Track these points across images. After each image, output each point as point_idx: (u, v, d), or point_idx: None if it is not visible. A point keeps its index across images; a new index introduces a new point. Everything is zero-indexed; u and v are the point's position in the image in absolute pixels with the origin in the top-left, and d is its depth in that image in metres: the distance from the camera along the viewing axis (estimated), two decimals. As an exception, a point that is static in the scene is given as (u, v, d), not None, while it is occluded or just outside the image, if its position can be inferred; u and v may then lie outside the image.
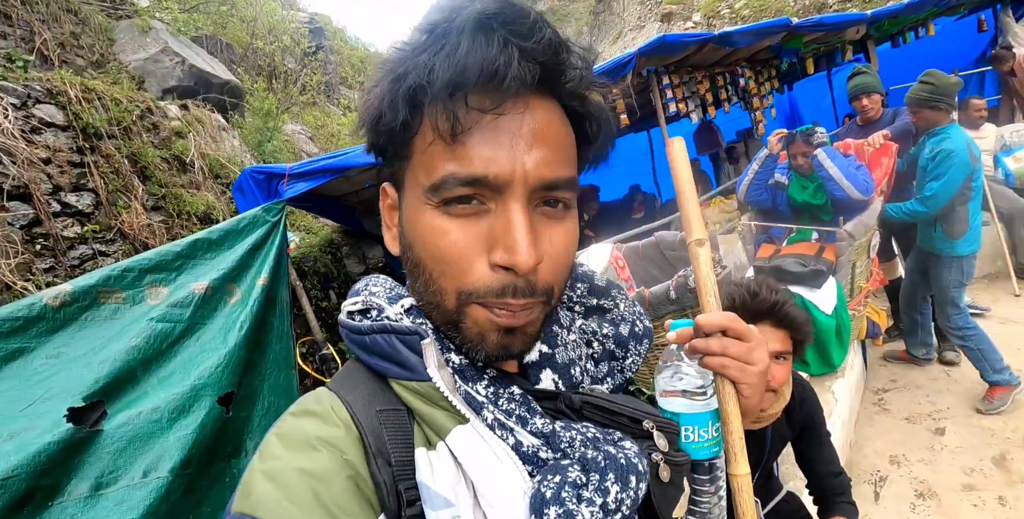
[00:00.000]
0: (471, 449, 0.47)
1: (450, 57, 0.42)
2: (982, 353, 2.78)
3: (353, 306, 0.56)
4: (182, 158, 3.64)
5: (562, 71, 0.46)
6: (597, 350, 0.64)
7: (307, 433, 0.46)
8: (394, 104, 0.46)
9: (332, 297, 4.39)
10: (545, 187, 0.47)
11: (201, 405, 1.90)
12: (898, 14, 4.58)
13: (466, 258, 0.47)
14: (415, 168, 0.49)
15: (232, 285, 2.55)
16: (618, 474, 0.48)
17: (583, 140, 0.52)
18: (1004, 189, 4.06)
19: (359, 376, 0.53)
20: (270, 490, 0.42)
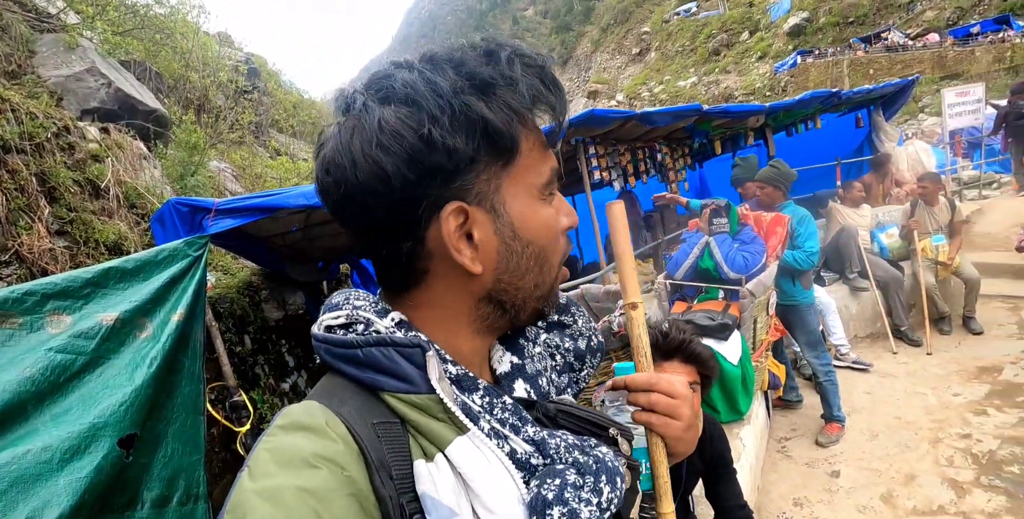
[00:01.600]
0: (472, 458, 0.48)
1: (556, 86, 0.55)
2: (835, 391, 3.28)
3: (335, 320, 0.55)
4: (96, 183, 3.40)
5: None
6: (559, 363, 0.68)
7: (302, 449, 0.44)
8: (521, 111, 0.53)
9: (247, 342, 4.11)
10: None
11: (99, 446, 1.70)
12: (791, 108, 5.36)
13: (562, 232, 0.60)
14: (520, 173, 0.55)
15: (144, 319, 2.36)
16: (608, 476, 0.52)
17: None
18: (880, 260, 4.71)
19: (344, 391, 0.52)
20: (268, 511, 0.39)
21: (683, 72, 45.46)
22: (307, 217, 3.68)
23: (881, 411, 3.48)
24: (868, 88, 6.26)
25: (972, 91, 7.91)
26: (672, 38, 51.66)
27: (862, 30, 33.34)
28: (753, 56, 40.14)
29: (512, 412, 0.53)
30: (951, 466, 2.82)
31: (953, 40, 25.70)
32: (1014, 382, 3.54)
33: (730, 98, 31.16)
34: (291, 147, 9.87)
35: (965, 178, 8.89)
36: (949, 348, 4.24)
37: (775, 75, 33.99)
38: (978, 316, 4.46)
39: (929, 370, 3.93)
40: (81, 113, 4.12)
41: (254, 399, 3.45)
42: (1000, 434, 3.02)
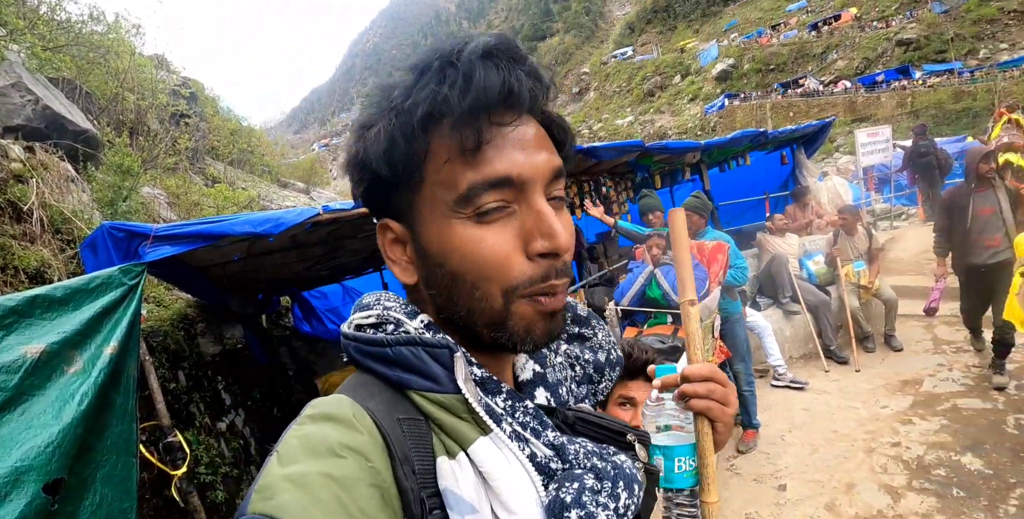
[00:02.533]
0: (494, 459, 0.49)
1: (465, 85, 0.48)
2: (754, 401, 3.59)
3: (365, 320, 0.57)
4: (18, 205, 3.16)
5: (543, 92, 0.54)
6: (579, 374, 0.70)
7: (329, 439, 0.46)
8: (408, 133, 0.50)
9: (181, 378, 3.83)
10: (555, 176, 0.54)
11: (23, 493, 1.54)
12: (724, 146, 5.75)
13: (507, 256, 0.51)
14: (431, 190, 0.52)
15: (73, 352, 2.17)
16: (625, 482, 0.53)
17: (556, 144, 0.59)
18: (809, 285, 5.06)
19: (372, 387, 0.53)
20: (295, 494, 0.41)
21: (620, 111, 47.88)
22: (250, 246, 3.54)
23: (819, 426, 3.67)
24: (791, 128, 6.83)
25: (881, 132, 8.79)
26: (610, 79, 54.52)
27: (782, 76, 36.58)
28: (685, 98, 42.95)
29: (533, 417, 0.55)
30: (885, 473, 3.01)
31: (860, 86, 28.65)
32: (934, 393, 3.85)
33: (664, 136, 33.14)
34: (229, 175, 9.53)
35: (878, 210, 9.78)
36: (875, 364, 4.55)
37: (705, 116, 36.48)
38: (898, 334, 4.84)
39: (858, 385, 4.20)
40: (3, 130, 3.84)
41: (189, 440, 3.20)
42: (926, 440, 3.26)
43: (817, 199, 6.78)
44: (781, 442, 3.54)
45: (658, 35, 57.68)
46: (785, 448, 3.45)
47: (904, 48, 31.17)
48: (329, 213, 2.81)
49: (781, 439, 3.57)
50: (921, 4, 34.10)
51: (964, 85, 24.96)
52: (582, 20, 72.32)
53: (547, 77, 0.54)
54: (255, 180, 10.33)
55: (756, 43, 41.66)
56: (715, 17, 54.67)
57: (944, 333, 4.87)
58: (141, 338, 2.69)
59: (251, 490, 0.43)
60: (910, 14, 33.86)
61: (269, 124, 25.73)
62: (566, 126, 0.59)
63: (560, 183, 0.55)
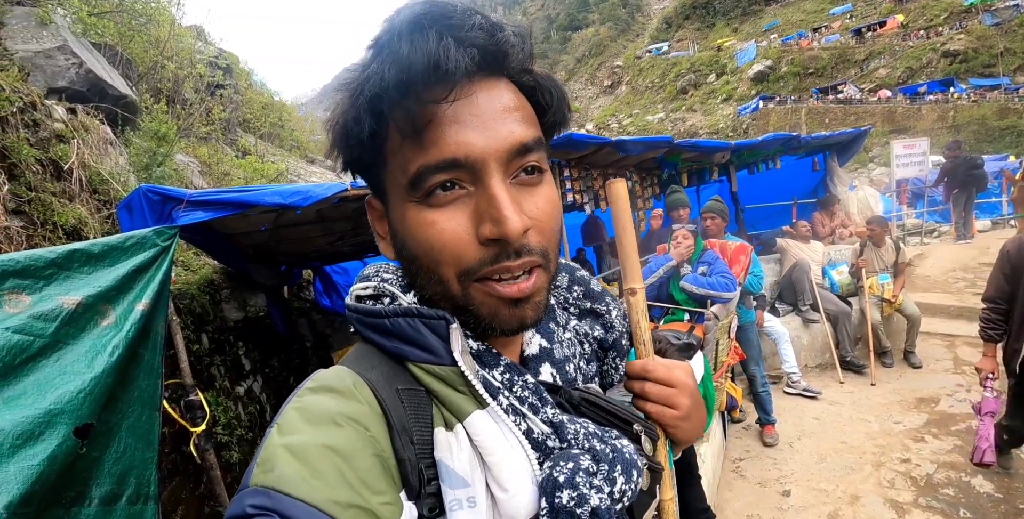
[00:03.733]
0: (488, 433, 0.49)
1: (396, 60, 0.44)
2: (769, 399, 3.65)
3: (364, 291, 0.57)
4: (59, 164, 3.25)
5: (502, 50, 0.47)
6: (587, 351, 0.68)
7: (329, 409, 0.46)
8: (358, 117, 0.48)
9: (204, 341, 3.94)
10: (517, 153, 0.48)
11: (54, 434, 1.61)
12: (754, 147, 5.65)
13: (457, 240, 0.48)
14: (392, 173, 0.50)
15: (107, 306, 2.25)
16: (623, 466, 0.51)
17: (539, 110, 0.53)
18: (830, 295, 4.99)
19: (373, 358, 0.53)
20: (294, 465, 0.41)
21: (651, 107, 47.19)
22: (277, 217, 3.61)
23: (829, 436, 3.64)
24: (825, 134, 6.68)
25: (918, 144, 8.54)
26: (643, 74, 53.68)
27: (820, 81, 35.62)
28: (719, 97, 42.14)
29: (533, 392, 0.53)
30: (892, 488, 2.98)
31: (901, 96, 27.76)
32: (949, 412, 3.78)
33: (695, 136, 32.58)
34: (259, 148, 9.66)
35: (908, 225, 9.54)
36: (891, 379, 4.49)
37: (738, 117, 35.77)
38: (918, 351, 4.75)
39: (873, 399, 4.15)
40: (48, 91, 3.94)
41: (208, 400, 3.30)
42: (937, 459, 3.21)
43: (846, 209, 6.65)
44: (789, 449, 3.52)
45: (695, 32, 56.55)
46: (792, 455, 3.44)
47: (950, 60, 30.08)
48: (356, 190, 2.85)
49: (789, 446, 3.56)
50: (971, 15, 32.78)
51: (1011, 102, 24.09)
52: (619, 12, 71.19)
53: (509, 32, 0.48)
54: (284, 154, 10.46)
55: (796, 45, 40.56)
56: (755, 16, 53.35)
57: (966, 354, 4.76)
58: (170, 298, 2.78)
59: (253, 462, 0.43)
60: (959, 25, 32.57)
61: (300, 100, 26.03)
62: (552, 86, 0.53)
63: (532, 156, 0.50)
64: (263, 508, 0.39)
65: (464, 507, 0.46)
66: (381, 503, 0.42)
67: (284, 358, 4.74)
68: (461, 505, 0.46)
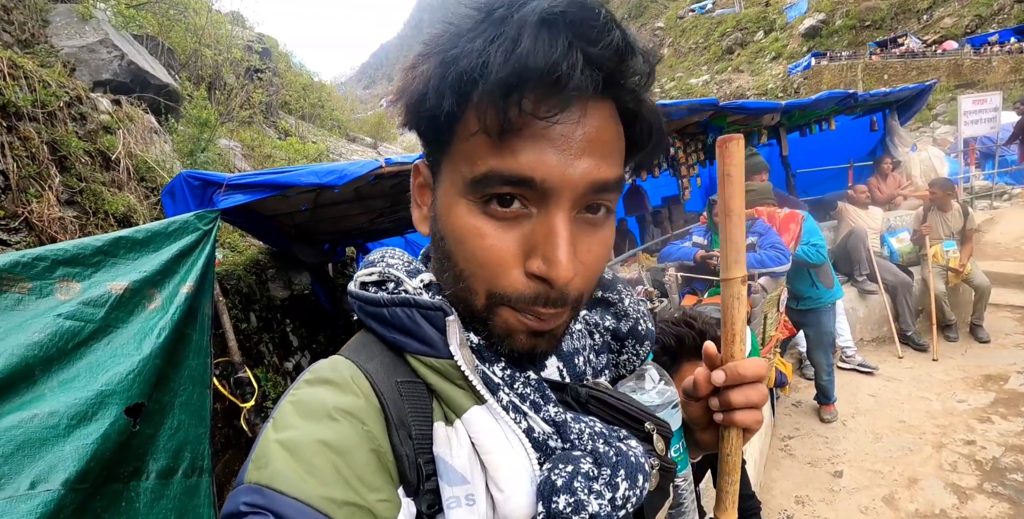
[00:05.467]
0: (486, 430, 0.47)
1: (508, 52, 0.39)
2: (833, 386, 3.49)
3: (368, 277, 0.54)
4: (107, 154, 3.38)
5: (627, 77, 0.44)
6: (598, 342, 0.64)
7: (325, 402, 0.44)
8: (440, 89, 0.43)
9: (252, 320, 4.11)
10: (593, 190, 0.45)
11: (107, 414, 1.69)
12: (806, 108, 5.30)
13: (502, 263, 0.45)
14: (455, 156, 0.46)
15: (153, 290, 2.34)
16: (628, 471, 0.48)
17: (632, 143, 0.49)
18: (890, 264, 4.68)
19: (374, 348, 0.52)
20: (288, 462, 0.40)
21: (696, 70, 45.09)
22: (316, 197, 3.66)
23: (885, 414, 3.47)
24: (885, 91, 6.19)
25: (989, 99, 7.82)
26: (686, 35, 51.19)
27: (878, 34, 32.96)
28: (767, 56, 39.75)
29: (535, 389, 0.51)
30: (954, 471, 2.82)
31: (969, 48, 25.39)
32: (1019, 391, 3.53)
33: (742, 97, 30.94)
34: (300, 129, 9.83)
35: (977, 187, 8.83)
36: (955, 355, 4.22)
37: (788, 76, 33.70)
38: (986, 324, 4.43)
39: (934, 376, 3.92)
40: (93, 84, 4.09)
41: (258, 376, 3.45)
42: (1004, 442, 3.01)
43: (908, 171, 6.18)
44: (842, 427, 3.38)
45: (743, -13, 53.16)
46: (846, 433, 3.30)
47: (1027, 3, 27.15)
48: (391, 166, 2.83)
49: (843, 424, 3.42)
50: (1051, -48, 29.31)
51: (1098, 49, 21.61)
52: (660, -29, 67.73)
53: (642, 55, 0.43)
54: (325, 134, 10.62)
55: (853, -4, 37.55)
56: (809, -34, 49.55)
57: (1041, 326, 4.42)
58: (215, 280, 2.88)
59: (248, 458, 0.42)
60: (1040, -38, 29.21)
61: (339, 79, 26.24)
62: (655, 122, 0.49)
63: (608, 196, 0.46)
64: (256, 506, 0.38)
65: (462, 505, 0.45)
66: (378, 500, 0.41)
67: (330, 334, 4.90)
68: (459, 503, 0.45)
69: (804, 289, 3.40)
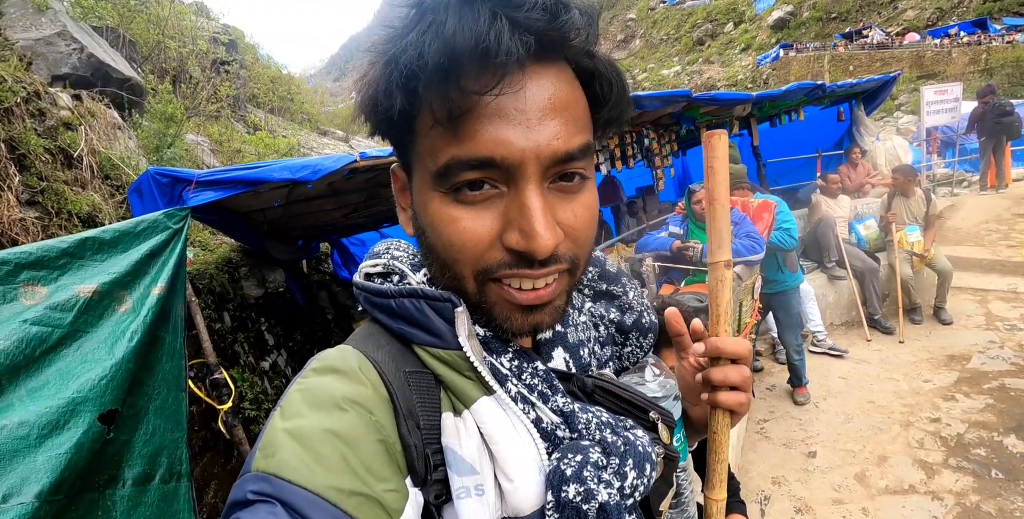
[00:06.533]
0: (494, 421, 0.47)
1: (438, 36, 0.39)
2: (803, 366, 3.59)
3: (373, 268, 0.55)
4: (69, 151, 3.25)
5: (564, 35, 0.42)
6: (602, 334, 0.65)
7: (333, 391, 0.44)
8: (388, 91, 0.43)
9: (226, 319, 4.02)
10: (559, 160, 0.44)
11: (79, 422, 1.65)
12: (776, 98, 5.39)
13: (480, 242, 0.45)
14: (420, 153, 0.46)
15: (123, 292, 2.27)
16: (636, 460, 0.49)
17: (594, 102, 0.48)
18: (857, 251, 4.82)
19: (381, 338, 0.51)
20: (296, 451, 0.39)
21: (667, 61, 45.41)
22: (289, 193, 3.59)
23: (855, 395, 3.59)
24: (851, 82, 6.33)
25: (950, 90, 8.08)
26: (657, 26, 51.46)
27: (844, 26, 33.67)
28: (737, 47, 40.29)
29: (543, 379, 0.51)
30: (921, 448, 2.94)
31: (930, 39, 26.12)
32: (981, 370, 3.68)
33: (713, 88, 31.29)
34: (270, 122, 9.61)
35: (938, 176, 9.13)
36: (920, 337, 4.38)
37: (757, 67, 34.23)
38: (948, 307, 4.61)
39: (901, 357, 4.06)
40: (52, 78, 3.93)
41: (234, 377, 3.38)
42: (968, 419, 3.14)
43: (873, 161, 6.36)
44: (815, 409, 3.49)
45: (712, -22, 53.59)
46: (818, 415, 3.40)
47: (984, -2, 28.03)
48: (366, 160, 2.79)
49: (815, 406, 3.52)
50: (1007, -52, 30.29)
51: (1051, 42, 22.43)
52: (631, -38, 67.78)
53: (578, 10, 0.42)
54: (295, 128, 10.41)
55: (820, -12, 38.18)
56: (777, -42, 50.22)
57: (999, 309, 4.60)
58: (187, 280, 2.81)
59: (255, 446, 0.42)
60: (996, -43, 30.14)
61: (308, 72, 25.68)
62: (614, 76, 0.47)
63: (577, 163, 0.45)
64: (263, 494, 0.38)
65: (472, 495, 0.45)
66: (385, 490, 0.41)
67: (307, 331, 4.84)
68: (469, 493, 0.45)
69: (771, 273, 3.50)
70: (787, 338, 3.59)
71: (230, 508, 0.39)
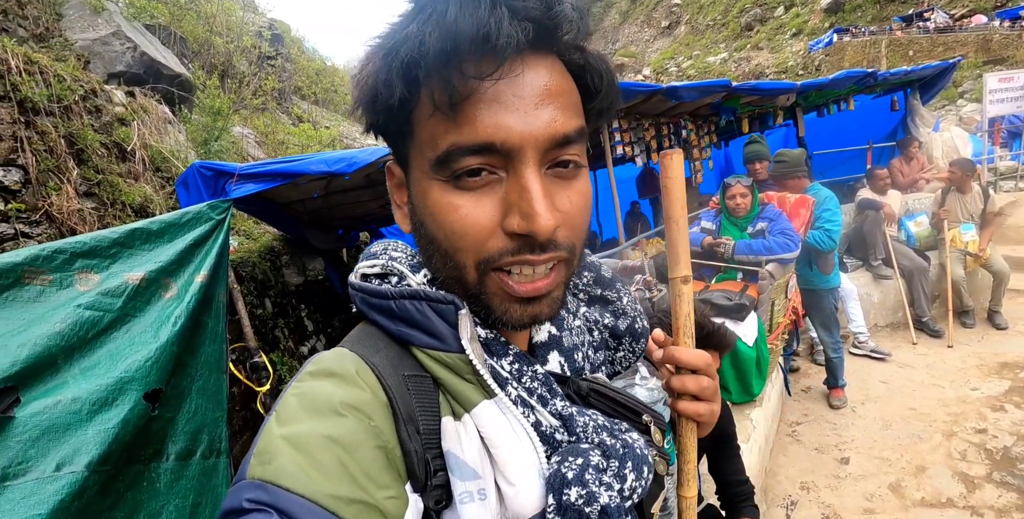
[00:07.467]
0: (495, 425, 0.47)
1: (440, 25, 0.40)
2: (841, 365, 3.46)
3: (371, 269, 0.54)
4: (123, 146, 3.44)
5: (557, 24, 0.44)
6: (596, 339, 0.65)
7: (330, 396, 0.43)
8: (389, 81, 0.44)
9: (267, 305, 4.20)
10: (557, 144, 0.45)
11: (126, 399, 1.77)
12: (823, 87, 5.15)
13: (481, 228, 0.45)
14: (419, 144, 0.47)
15: (168, 279, 2.41)
16: (634, 463, 0.49)
17: (586, 93, 0.50)
18: (906, 249, 4.58)
19: (378, 341, 0.51)
20: (294, 458, 0.39)
21: (713, 47, 43.88)
22: (327, 184, 3.70)
23: (896, 401, 3.45)
24: (906, 69, 5.98)
25: (1016, 77, 7.52)
26: (703, 11, 49.74)
27: (904, 8, 31.62)
28: (787, 33, 38.51)
29: (542, 383, 0.51)
30: (963, 460, 2.80)
31: (1000, 22, 24.26)
32: (1036, 379, 3.48)
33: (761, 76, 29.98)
34: (314, 114, 9.87)
35: (1002, 168, 8.55)
36: (971, 342, 4.15)
37: (809, 53, 32.66)
38: (1004, 311, 4.35)
39: (948, 363, 3.87)
40: (107, 76, 4.15)
41: (274, 361, 3.54)
42: (1017, 431, 2.98)
43: (929, 152, 6.00)
44: (851, 413, 3.37)
45: (763, -40, 51.26)
46: (854, 420, 3.29)
47: (1068, -28, 25.70)
48: (401, 153, 2.84)
49: (852, 410, 3.40)
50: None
51: None
52: (678, -55, 65.52)
53: (568, 5, 0.44)
54: (338, 119, 10.64)
55: (880, -32, 35.98)
56: (834, -63, 47.50)
57: (1062, 312, 4.32)
58: (230, 268, 2.95)
59: (250, 452, 0.41)
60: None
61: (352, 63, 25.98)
62: (603, 68, 0.49)
63: (572, 148, 0.46)
64: (260, 503, 0.37)
65: (475, 499, 0.45)
66: (386, 497, 0.41)
67: (345, 318, 4.99)
68: (472, 498, 0.45)
69: (799, 268, 3.39)
70: (821, 335, 3.50)
71: (225, 516, 0.38)
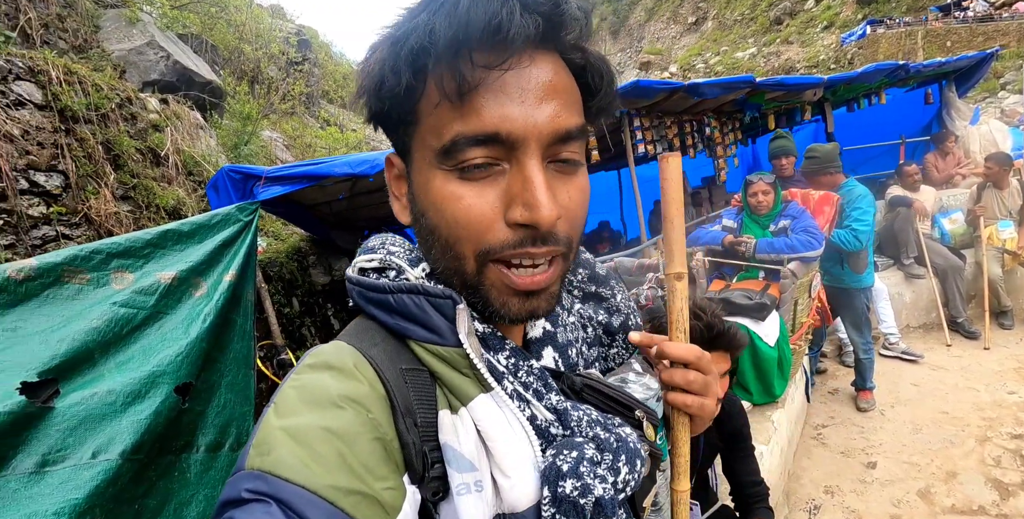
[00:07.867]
0: (491, 418, 0.47)
1: (451, 15, 0.41)
2: (872, 367, 3.35)
3: (368, 263, 0.54)
4: (157, 151, 3.59)
5: (563, 22, 0.45)
6: (590, 335, 0.65)
7: (329, 389, 0.44)
8: (396, 68, 0.45)
9: (295, 304, 4.32)
10: (559, 139, 0.46)
11: (158, 392, 1.85)
12: (853, 81, 5.00)
13: (484, 219, 0.45)
14: (423, 133, 0.47)
15: (198, 278, 2.51)
16: (628, 456, 0.50)
17: (586, 92, 0.51)
18: (940, 247, 4.42)
19: (375, 334, 0.51)
20: (292, 449, 0.39)
21: (741, 43, 43.00)
22: (352, 186, 3.78)
23: (928, 405, 3.34)
24: (940, 61, 5.76)
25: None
26: (731, 6, 48.75)
27: (943, -2, 30.45)
28: (818, 26, 37.43)
29: (537, 377, 0.52)
30: (997, 466, 2.70)
31: (1048, 9, 23.07)
32: (1078, 382, 3.32)
33: (791, 71, 29.15)
34: (340, 117, 10.07)
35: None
36: (1009, 343, 3.99)
37: (841, 47, 31.66)
38: (1045, 311, 4.17)
39: (984, 365, 3.72)
40: (142, 85, 4.34)
41: (299, 357, 3.64)
42: (1056, 436, 2.86)
43: (966, 147, 5.76)
44: (880, 417, 3.27)
45: (794, -47, 50.02)
46: (883, 423, 3.19)
47: (1125, -46, 24.31)
48: (423, 155, 2.89)
49: (881, 413, 3.30)
50: None
51: None
52: (705, -60, 64.41)
53: (574, 5, 0.45)
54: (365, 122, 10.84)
55: (919, -44, 34.73)
56: (869, -74, 46.04)
57: (1110, 312, 4.11)
58: (257, 267, 3.05)
59: (248, 444, 0.42)
60: None
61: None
62: (604, 68, 0.50)
63: (572, 145, 0.47)
64: (259, 493, 0.37)
65: (472, 491, 0.45)
66: (384, 488, 0.41)
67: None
68: (469, 489, 0.45)
69: (830, 266, 3.30)
70: (850, 335, 3.40)
71: (223, 506, 0.38)
